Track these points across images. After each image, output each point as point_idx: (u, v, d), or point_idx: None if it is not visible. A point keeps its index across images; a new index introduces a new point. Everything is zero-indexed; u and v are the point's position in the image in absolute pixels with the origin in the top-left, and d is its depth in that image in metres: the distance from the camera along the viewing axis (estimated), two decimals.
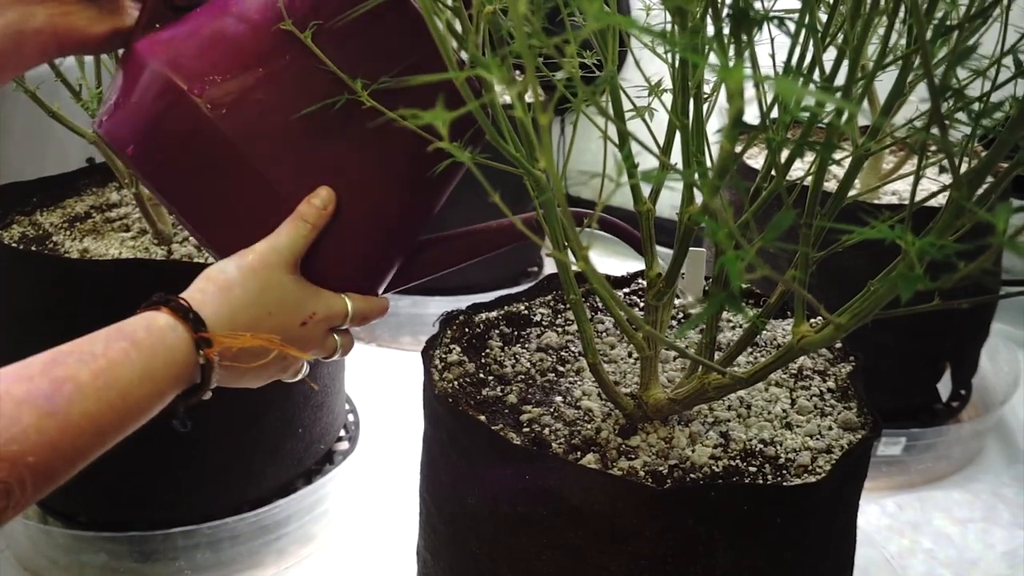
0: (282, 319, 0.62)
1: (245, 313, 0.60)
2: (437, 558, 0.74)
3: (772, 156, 0.52)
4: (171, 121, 0.63)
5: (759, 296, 0.88)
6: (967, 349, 1.30)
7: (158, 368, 0.55)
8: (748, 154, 1.29)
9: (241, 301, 0.60)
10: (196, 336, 0.57)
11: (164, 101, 0.63)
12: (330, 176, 0.64)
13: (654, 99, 0.69)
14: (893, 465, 1.25)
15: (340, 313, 0.66)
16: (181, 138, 0.63)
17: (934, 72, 0.41)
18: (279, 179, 0.63)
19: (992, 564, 1.12)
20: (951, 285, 0.39)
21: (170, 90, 0.62)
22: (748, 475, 0.65)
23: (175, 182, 0.65)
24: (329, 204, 0.64)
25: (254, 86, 0.63)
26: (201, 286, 0.60)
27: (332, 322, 0.66)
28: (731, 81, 0.31)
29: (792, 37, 0.53)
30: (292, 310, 0.63)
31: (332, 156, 0.65)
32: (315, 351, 0.67)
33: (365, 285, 0.69)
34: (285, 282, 0.63)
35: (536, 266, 1.75)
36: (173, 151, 0.64)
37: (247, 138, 0.63)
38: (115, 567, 1.02)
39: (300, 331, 0.64)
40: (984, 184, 0.49)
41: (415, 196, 0.69)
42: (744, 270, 0.33)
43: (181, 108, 0.62)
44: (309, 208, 0.63)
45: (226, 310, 0.59)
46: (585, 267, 0.45)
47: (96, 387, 0.52)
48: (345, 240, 0.66)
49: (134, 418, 0.55)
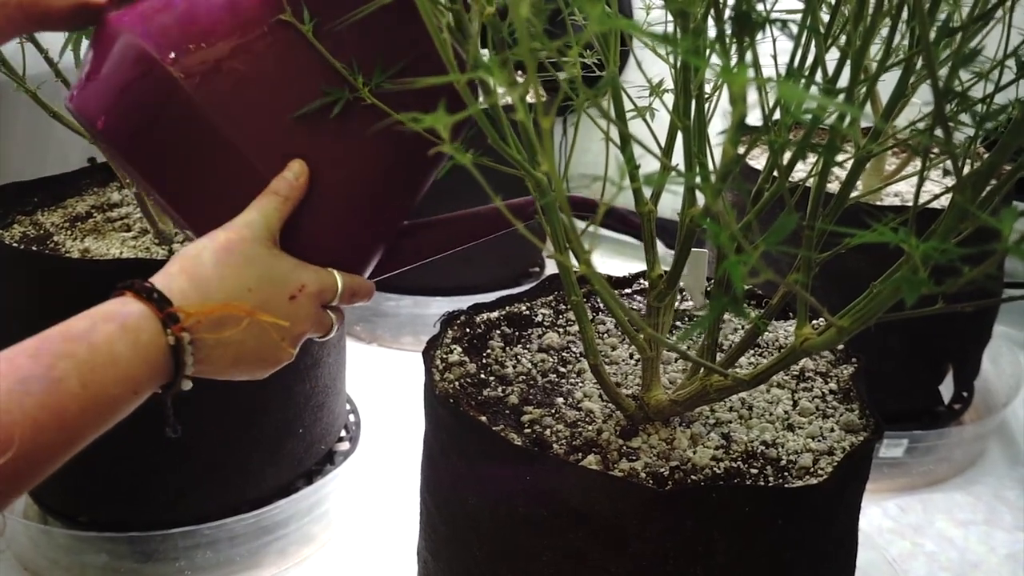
0: (266, 294, 0.60)
1: (219, 290, 0.58)
2: (437, 559, 0.74)
3: (774, 158, 0.51)
4: (142, 91, 0.61)
5: (761, 298, 0.88)
6: (969, 351, 1.30)
7: (123, 353, 0.52)
8: (750, 156, 1.29)
9: (213, 278, 0.58)
10: (162, 315, 0.54)
11: (135, 71, 0.61)
12: (309, 149, 0.63)
13: (656, 100, 0.69)
14: (895, 467, 1.25)
15: (331, 286, 0.64)
16: (153, 109, 0.61)
17: (937, 74, 0.41)
18: (255, 152, 0.62)
19: (994, 567, 1.12)
20: (955, 289, 0.39)
21: (141, 59, 0.60)
22: (749, 477, 0.64)
23: (147, 156, 0.63)
24: (302, 176, 0.62)
25: (229, 56, 0.61)
26: (169, 267, 0.58)
27: (324, 296, 0.64)
28: (734, 84, 0.31)
29: (794, 39, 0.53)
30: (277, 284, 0.61)
31: (311, 129, 0.63)
32: (312, 329, 0.64)
33: (351, 262, 0.67)
34: (263, 256, 0.60)
35: (538, 267, 1.75)
36: (145, 123, 0.62)
37: (221, 109, 0.61)
38: (116, 567, 1.02)
39: (290, 306, 0.62)
40: (987, 187, 0.49)
41: (400, 171, 0.67)
42: (747, 274, 0.33)
43: (153, 78, 0.60)
44: (280, 181, 0.62)
45: (196, 288, 0.57)
46: (587, 269, 0.45)
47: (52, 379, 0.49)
48: (328, 214, 0.64)
49: (104, 411, 0.52)
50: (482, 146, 0.53)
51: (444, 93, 0.63)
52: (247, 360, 0.61)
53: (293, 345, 0.63)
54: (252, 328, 0.59)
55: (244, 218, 0.61)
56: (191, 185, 0.63)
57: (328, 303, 0.65)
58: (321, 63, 0.62)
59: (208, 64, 0.60)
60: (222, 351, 0.58)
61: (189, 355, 0.56)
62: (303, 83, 0.62)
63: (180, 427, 0.59)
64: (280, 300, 0.61)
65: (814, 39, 0.54)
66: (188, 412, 0.61)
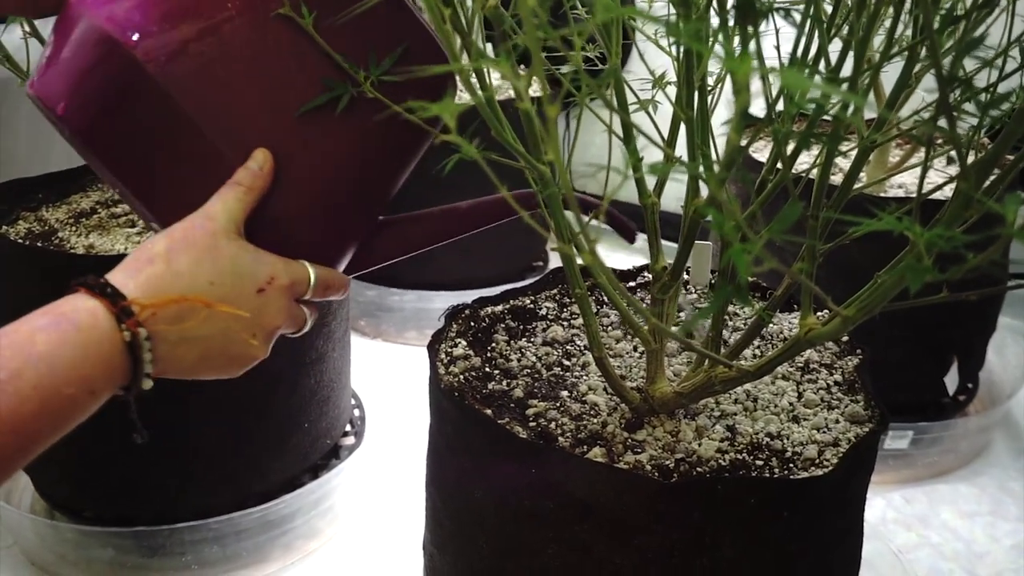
0: (231, 287, 0.57)
1: (178, 283, 0.55)
2: (443, 552, 0.74)
3: (778, 148, 0.51)
4: (104, 75, 0.59)
5: (765, 289, 0.88)
6: (974, 343, 1.30)
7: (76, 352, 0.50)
8: (753, 147, 1.28)
9: (171, 271, 0.55)
10: (115, 310, 0.52)
11: (97, 54, 0.59)
12: (279, 137, 0.61)
13: (658, 92, 0.69)
14: (900, 459, 1.25)
15: (303, 278, 0.62)
16: (115, 94, 0.59)
17: (941, 62, 0.41)
18: (222, 138, 0.60)
19: (999, 557, 1.12)
20: (960, 276, 0.39)
21: (103, 42, 0.58)
22: (755, 468, 0.64)
23: (109, 143, 0.61)
24: (266, 166, 0.60)
25: (195, 39, 0.59)
26: (126, 262, 0.56)
27: (295, 289, 0.62)
28: (738, 73, 0.31)
29: (798, 28, 0.53)
30: (243, 276, 0.58)
31: (281, 116, 0.61)
32: (285, 324, 0.62)
33: (324, 254, 0.65)
34: (225, 248, 0.58)
35: (542, 260, 1.75)
36: (107, 108, 0.60)
37: (187, 94, 0.59)
38: (122, 562, 1.02)
39: (259, 299, 0.59)
40: (991, 176, 0.48)
41: (375, 161, 0.66)
42: (751, 263, 0.33)
43: (115, 61, 0.58)
44: (244, 172, 0.60)
45: (154, 282, 0.54)
46: (591, 261, 0.44)
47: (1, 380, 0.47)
48: (299, 204, 0.62)
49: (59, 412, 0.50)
50: (485, 138, 0.53)
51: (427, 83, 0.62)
52: (215, 358, 0.58)
53: (266, 341, 0.61)
54: (218, 323, 0.57)
55: (206, 210, 0.59)
56: (155, 174, 0.61)
57: (301, 296, 0.63)
58: (292, 48, 0.61)
59: (173, 47, 0.58)
60: (186, 348, 0.56)
61: (147, 351, 0.53)
62: (272, 68, 0.61)
63: (147, 432, 0.57)
64: (247, 293, 0.58)
65: (817, 29, 0.54)
66: (193, 407, 0.61)
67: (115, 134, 0.60)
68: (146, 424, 0.57)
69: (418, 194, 1.37)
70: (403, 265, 0.73)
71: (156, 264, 0.55)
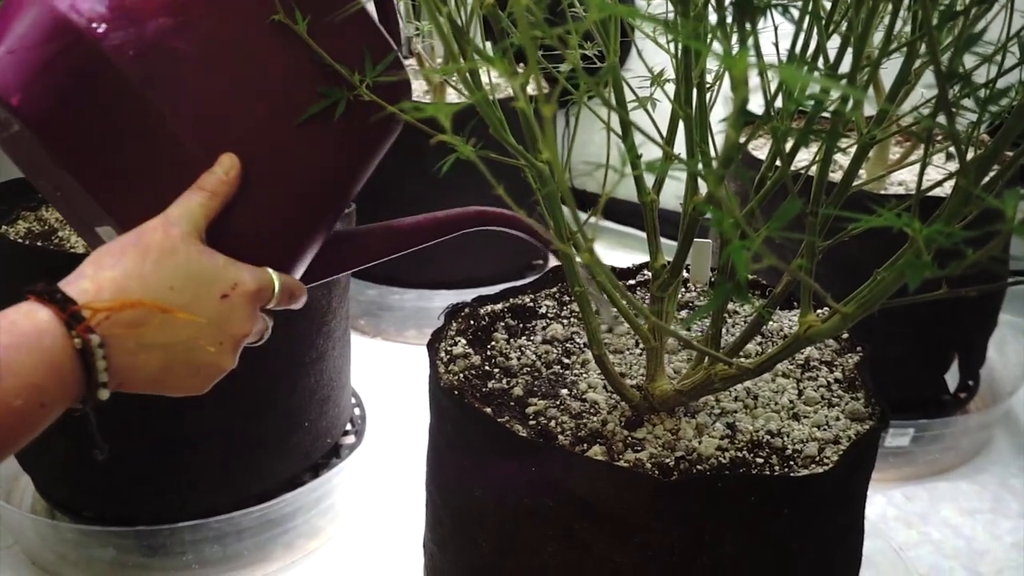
0: (192, 293, 0.55)
1: (135, 289, 0.53)
2: (443, 551, 0.74)
3: (777, 145, 0.51)
4: (67, 67, 0.56)
5: (765, 286, 0.88)
6: (975, 340, 1.30)
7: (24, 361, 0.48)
8: (752, 144, 1.28)
9: (128, 276, 0.53)
10: (65, 315, 0.50)
11: (59, 45, 0.56)
12: (248, 141, 0.59)
13: (657, 89, 0.69)
14: (901, 456, 1.25)
15: (267, 285, 0.60)
16: (78, 87, 0.56)
17: (940, 58, 0.40)
18: (190, 139, 0.58)
19: (1000, 555, 1.12)
20: (959, 272, 0.39)
21: (66, 32, 0.55)
22: (755, 466, 0.64)
23: (68, 140, 0.57)
24: (232, 171, 0.58)
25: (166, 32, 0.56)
26: (82, 267, 0.54)
27: (260, 296, 0.60)
28: (735, 69, 0.30)
29: (796, 24, 0.53)
30: (205, 282, 0.56)
31: (251, 119, 0.60)
32: (253, 333, 0.60)
33: (285, 261, 0.63)
34: (185, 253, 0.56)
35: (541, 259, 1.75)
36: (68, 102, 0.56)
37: (155, 91, 0.57)
38: (123, 561, 1.02)
39: (223, 306, 0.57)
40: (991, 172, 0.48)
41: (341, 165, 0.65)
42: (750, 260, 0.33)
43: (79, 52, 0.55)
44: (209, 176, 0.58)
45: (110, 288, 0.52)
46: (589, 259, 0.44)
47: None
48: (264, 209, 0.61)
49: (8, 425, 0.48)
50: (483, 137, 0.53)
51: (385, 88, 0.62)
52: (179, 368, 0.56)
53: (232, 350, 0.59)
54: (179, 330, 0.55)
55: (166, 214, 0.57)
56: (117, 173, 0.58)
57: (266, 304, 0.61)
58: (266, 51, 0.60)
59: (142, 40, 0.56)
60: (146, 356, 0.54)
61: (100, 359, 0.51)
62: (246, 69, 0.59)
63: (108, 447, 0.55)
64: (210, 299, 0.56)
65: (816, 25, 0.54)
66: (193, 407, 0.61)
67: (76, 131, 0.57)
68: (146, 424, 0.57)
69: (416, 192, 1.37)
70: (403, 264, 0.73)
71: (113, 268, 0.53)
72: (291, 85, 0.61)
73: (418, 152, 1.10)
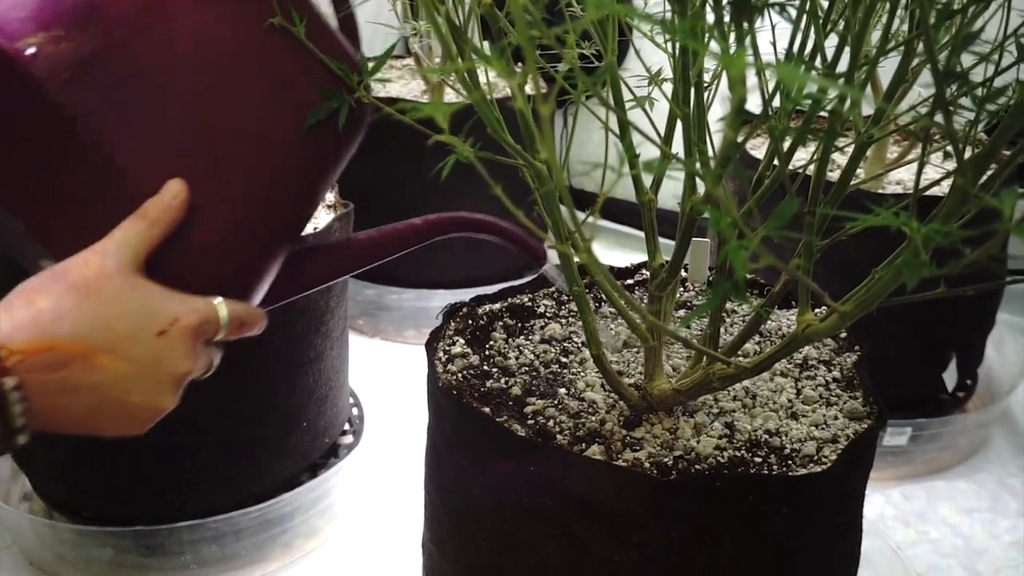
0: (125, 331, 0.52)
1: (59, 328, 0.50)
2: (442, 550, 0.74)
3: (774, 144, 0.51)
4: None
5: (763, 286, 0.88)
6: (973, 339, 1.30)
7: None
8: (750, 143, 1.28)
9: (55, 313, 0.50)
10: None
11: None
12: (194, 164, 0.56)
13: (655, 88, 0.69)
14: (899, 455, 1.25)
15: (212, 317, 0.56)
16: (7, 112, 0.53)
17: (937, 57, 0.41)
18: (130, 165, 0.54)
19: (998, 554, 1.12)
20: (957, 271, 0.39)
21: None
22: (753, 465, 0.64)
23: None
24: (178, 198, 0.54)
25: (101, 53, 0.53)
26: (7, 302, 0.51)
27: (203, 330, 0.56)
28: (733, 69, 0.30)
29: (793, 23, 0.53)
30: (140, 319, 0.53)
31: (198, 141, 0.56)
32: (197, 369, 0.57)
33: (239, 288, 0.59)
34: (120, 288, 0.52)
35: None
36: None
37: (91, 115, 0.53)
38: (121, 561, 1.02)
39: (159, 344, 0.53)
40: (988, 171, 0.48)
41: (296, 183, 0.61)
42: (748, 259, 0.33)
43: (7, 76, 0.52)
44: (152, 204, 0.54)
45: (30, 325, 0.49)
46: (587, 259, 0.44)
47: None
48: (212, 235, 0.57)
49: None
50: (480, 137, 0.53)
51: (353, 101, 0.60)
52: (109, 411, 0.53)
53: (171, 389, 0.55)
54: (109, 370, 0.51)
55: (101, 245, 0.53)
56: (55, 203, 0.55)
57: (212, 337, 0.58)
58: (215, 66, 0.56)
59: (75, 63, 0.52)
60: (71, 398, 0.51)
61: (17, 403, 0.48)
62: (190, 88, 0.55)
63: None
64: (145, 337, 0.53)
65: (813, 24, 0.54)
66: (192, 407, 0.61)
67: (7, 158, 0.54)
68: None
69: (415, 192, 1.37)
70: (402, 264, 0.73)
71: (36, 304, 0.50)
72: (242, 103, 0.57)
73: (416, 151, 1.10)
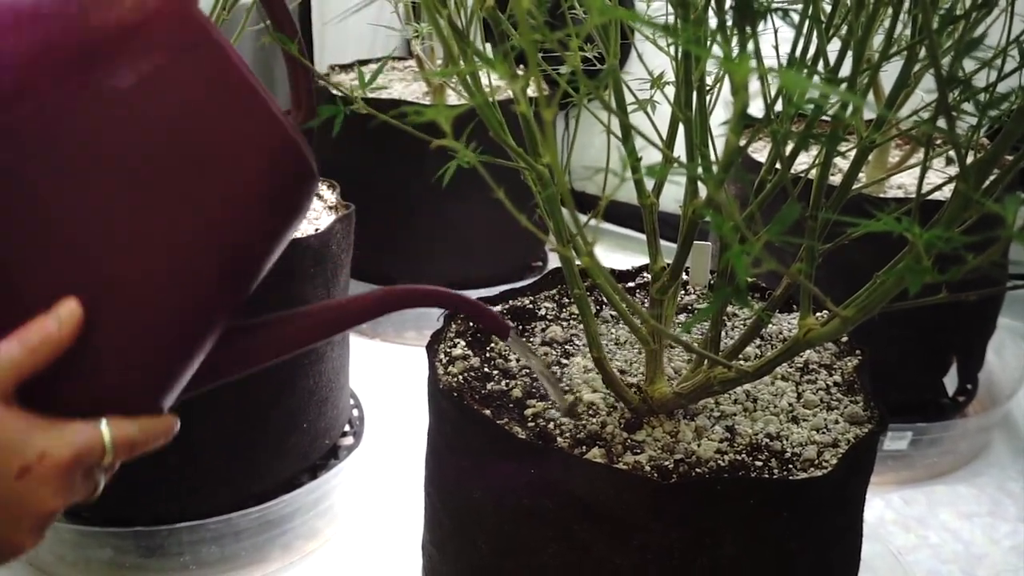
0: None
1: None
2: (443, 552, 0.74)
3: (777, 149, 0.51)
4: None
5: (764, 290, 0.88)
6: (974, 343, 1.30)
7: None
8: (752, 147, 1.29)
9: None
10: None
11: None
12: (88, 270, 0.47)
13: (657, 92, 0.69)
14: (899, 459, 1.25)
15: (92, 446, 0.49)
16: None
17: (940, 62, 0.41)
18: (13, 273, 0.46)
19: (998, 558, 1.12)
20: (959, 277, 0.39)
21: None
22: (754, 469, 0.64)
23: None
24: (68, 324, 0.46)
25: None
26: None
27: (82, 461, 0.48)
28: (736, 74, 0.30)
29: (796, 28, 0.53)
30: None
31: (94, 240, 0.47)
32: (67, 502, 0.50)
33: (138, 401, 0.51)
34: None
35: (540, 261, 1.75)
36: None
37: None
38: (121, 562, 1.02)
39: (20, 484, 0.46)
40: (990, 176, 0.48)
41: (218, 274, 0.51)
42: (750, 263, 0.33)
43: None
44: (34, 328, 0.46)
45: None
46: (589, 262, 0.44)
47: None
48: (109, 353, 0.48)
49: None
50: (483, 140, 0.53)
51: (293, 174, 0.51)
52: None
53: (33, 531, 0.49)
54: None
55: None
56: None
57: (94, 465, 0.50)
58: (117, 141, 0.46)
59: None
60: None
61: None
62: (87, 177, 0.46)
63: None
64: (3, 477, 0.46)
65: (816, 29, 0.54)
66: (192, 408, 0.61)
67: None
68: None
69: (417, 195, 1.37)
70: (402, 266, 0.73)
71: None
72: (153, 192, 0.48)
73: (419, 152, 1.10)
